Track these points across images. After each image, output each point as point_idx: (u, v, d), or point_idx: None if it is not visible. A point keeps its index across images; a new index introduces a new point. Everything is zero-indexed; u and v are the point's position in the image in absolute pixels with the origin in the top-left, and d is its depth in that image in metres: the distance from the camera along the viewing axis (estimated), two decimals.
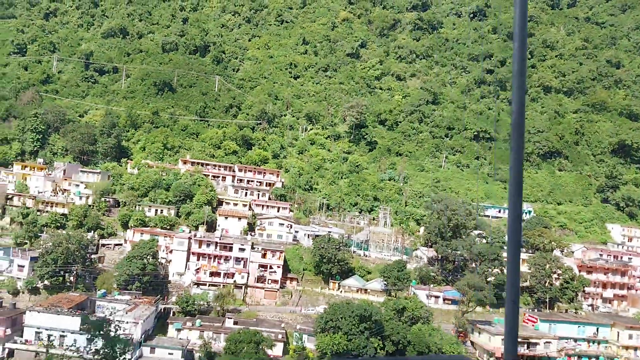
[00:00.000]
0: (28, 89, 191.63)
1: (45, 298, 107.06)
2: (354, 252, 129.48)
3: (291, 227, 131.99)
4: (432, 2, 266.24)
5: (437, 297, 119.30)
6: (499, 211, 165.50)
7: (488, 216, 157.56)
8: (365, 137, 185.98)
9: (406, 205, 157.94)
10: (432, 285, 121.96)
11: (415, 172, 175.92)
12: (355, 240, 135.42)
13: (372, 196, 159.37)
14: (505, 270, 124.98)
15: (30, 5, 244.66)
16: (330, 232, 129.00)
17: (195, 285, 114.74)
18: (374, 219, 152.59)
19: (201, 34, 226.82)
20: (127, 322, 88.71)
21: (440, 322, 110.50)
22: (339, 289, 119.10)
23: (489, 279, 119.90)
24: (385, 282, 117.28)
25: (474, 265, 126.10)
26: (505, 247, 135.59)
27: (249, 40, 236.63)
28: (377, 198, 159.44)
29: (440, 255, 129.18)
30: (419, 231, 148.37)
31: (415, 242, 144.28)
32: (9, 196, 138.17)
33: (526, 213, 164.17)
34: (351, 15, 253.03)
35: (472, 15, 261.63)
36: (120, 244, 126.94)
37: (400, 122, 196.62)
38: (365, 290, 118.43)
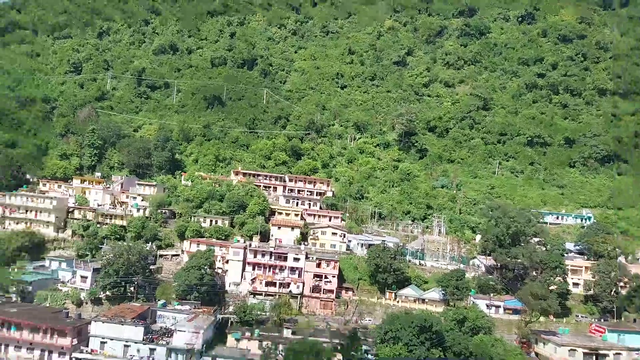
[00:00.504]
0: (85, 106, 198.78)
1: (107, 308, 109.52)
2: (409, 261, 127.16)
3: (344, 237, 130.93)
4: (479, 8, 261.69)
5: (497, 306, 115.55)
6: (557, 217, 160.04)
7: (546, 223, 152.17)
8: (415, 144, 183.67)
9: (460, 213, 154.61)
10: (492, 295, 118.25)
11: (468, 179, 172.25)
12: (409, 249, 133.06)
13: (425, 204, 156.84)
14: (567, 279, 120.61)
15: (84, 25, 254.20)
16: (384, 241, 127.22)
17: (252, 295, 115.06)
18: (427, 228, 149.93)
19: (248, 47, 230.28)
20: (188, 332, 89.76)
21: (502, 333, 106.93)
22: (395, 299, 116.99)
23: (551, 288, 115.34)
24: (444, 292, 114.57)
25: (534, 273, 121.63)
26: (566, 255, 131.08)
27: (295, 52, 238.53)
28: (430, 206, 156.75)
29: (499, 264, 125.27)
30: (474, 239, 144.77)
31: (471, 251, 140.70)
32: (70, 209, 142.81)
33: (586, 219, 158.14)
34: (397, 23, 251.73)
35: (520, 19, 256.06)
36: (178, 255, 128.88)
37: (450, 128, 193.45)
38: (423, 300, 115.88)
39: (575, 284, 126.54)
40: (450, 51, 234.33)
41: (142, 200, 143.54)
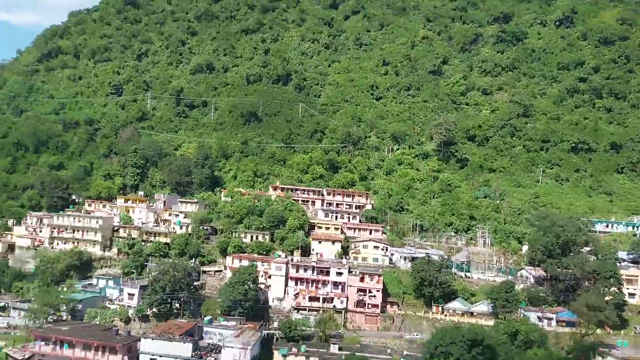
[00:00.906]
0: (126, 127, 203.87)
1: (154, 325, 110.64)
2: (454, 273, 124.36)
3: (387, 250, 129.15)
4: (514, 13, 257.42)
5: (549, 319, 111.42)
6: (607, 226, 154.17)
7: (596, 231, 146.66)
8: (454, 154, 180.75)
9: (505, 223, 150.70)
10: (543, 307, 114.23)
11: (512, 188, 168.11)
12: (454, 262, 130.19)
13: (468, 215, 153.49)
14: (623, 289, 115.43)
15: (124, 48, 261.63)
16: (428, 253, 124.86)
17: (295, 310, 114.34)
18: (471, 239, 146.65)
19: (282, 63, 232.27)
20: (236, 348, 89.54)
21: (556, 346, 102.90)
22: (442, 312, 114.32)
23: (606, 299, 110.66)
24: (493, 305, 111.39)
25: (587, 284, 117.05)
26: (619, 264, 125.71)
27: (329, 66, 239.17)
28: (473, 217, 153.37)
29: (549, 275, 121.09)
30: (521, 250, 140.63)
31: (518, 262, 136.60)
32: (116, 228, 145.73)
33: (637, 226, 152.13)
34: (431, 32, 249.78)
35: (557, 23, 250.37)
36: (220, 271, 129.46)
37: (490, 137, 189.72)
38: (471, 313, 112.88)
39: (631, 295, 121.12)
40: (487, 58, 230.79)
41: (184, 217, 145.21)
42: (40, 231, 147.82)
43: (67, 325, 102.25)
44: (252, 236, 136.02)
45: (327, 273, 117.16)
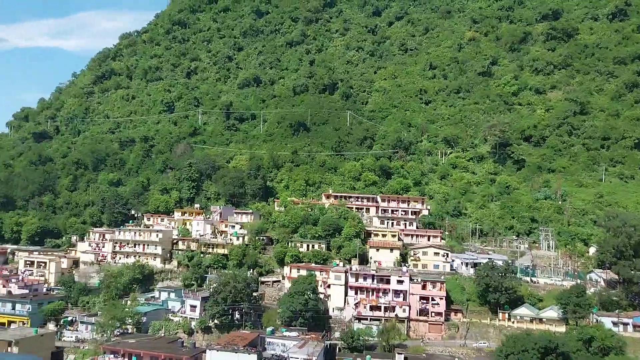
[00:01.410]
0: (179, 142, 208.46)
1: (217, 337, 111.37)
2: (520, 278, 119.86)
3: (447, 256, 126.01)
4: (564, 9, 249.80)
5: (625, 324, 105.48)
6: None
7: None
8: (511, 155, 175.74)
9: (569, 225, 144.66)
10: (617, 311, 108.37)
11: (573, 189, 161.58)
12: (518, 266, 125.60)
13: (529, 218, 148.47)
14: None
15: (173, 66, 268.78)
16: (491, 259, 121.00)
17: (357, 320, 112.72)
18: (534, 242, 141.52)
19: (328, 73, 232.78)
20: (301, 359, 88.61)
21: (635, 353, 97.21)
22: (509, 319, 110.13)
23: None
24: (563, 310, 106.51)
25: None
26: None
27: (375, 73, 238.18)
28: (534, 219, 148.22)
29: (621, 277, 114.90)
30: (588, 252, 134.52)
31: (586, 265, 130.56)
32: (174, 241, 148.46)
33: None
34: (477, 34, 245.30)
35: (610, 16, 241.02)
36: (279, 281, 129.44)
37: (547, 137, 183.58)
38: (540, 319, 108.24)
39: None
40: (538, 57, 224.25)
41: (240, 228, 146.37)
42: (103, 246, 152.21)
43: (133, 338, 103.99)
44: (308, 245, 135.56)
45: (388, 281, 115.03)
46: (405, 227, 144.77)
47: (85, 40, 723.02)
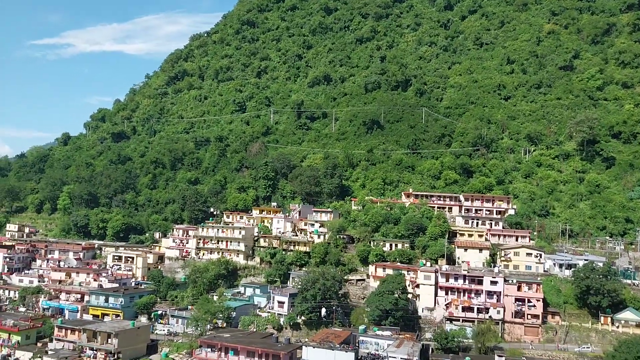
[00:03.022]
0: (253, 142, 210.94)
1: (305, 333, 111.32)
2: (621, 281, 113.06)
3: (541, 257, 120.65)
4: None
5: None
6: None
7: None
8: (599, 153, 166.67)
9: None
10: None
11: None
12: (618, 268, 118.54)
13: (623, 218, 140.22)
14: None
15: (244, 66, 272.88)
16: (587, 260, 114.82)
17: (448, 321, 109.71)
18: (631, 244, 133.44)
19: (401, 69, 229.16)
20: (400, 358, 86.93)
21: None
22: (613, 323, 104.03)
23: None
24: None
25: None
26: None
27: (449, 68, 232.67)
28: (629, 219, 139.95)
29: None
30: None
31: None
32: (256, 238, 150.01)
33: None
34: (557, 26, 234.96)
35: None
36: (363, 279, 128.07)
37: (638, 133, 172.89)
38: None
39: None
40: (624, 49, 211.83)
41: (320, 226, 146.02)
42: (187, 242, 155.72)
43: (227, 332, 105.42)
44: (391, 245, 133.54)
45: (480, 282, 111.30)
46: (491, 227, 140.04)
47: (147, 44, 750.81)
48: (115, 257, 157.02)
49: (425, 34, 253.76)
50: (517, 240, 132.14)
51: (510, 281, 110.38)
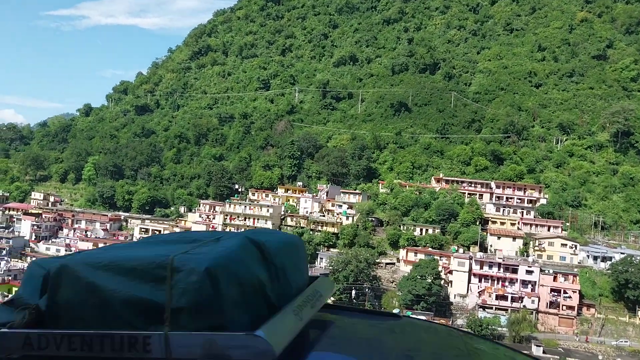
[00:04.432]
0: (278, 120, 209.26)
1: None
2: None
3: (576, 248, 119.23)
4: None
5: None
6: None
7: None
8: (634, 145, 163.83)
9: None
10: None
11: None
12: None
13: None
14: None
15: (268, 44, 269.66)
16: (624, 253, 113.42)
17: (481, 308, 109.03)
18: None
19: (429, 52, 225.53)
20: None
21: None
22: None
23: None
24: None
25: None
26: None
27: (478, 53, 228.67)
28: None
29: None
30: None
31: None
32: (283, 217, 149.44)
33: None
34: (590, 14, 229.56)
35: None
36: (393, 263, 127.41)
37: None
38: None
39: None
40: None
41: (348, 208, 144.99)
42: (214, 218, 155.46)
43: None
44: (421, 229, 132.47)
45: (514, 271, 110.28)
46: (522, 216, 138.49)
47: (161, 19, 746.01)
48: (142, 230, 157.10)
49: (454, 17, 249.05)
50: (548, 230, 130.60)
51: (547, 271, 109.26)
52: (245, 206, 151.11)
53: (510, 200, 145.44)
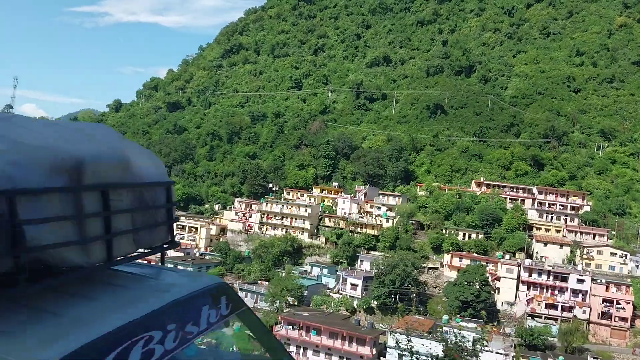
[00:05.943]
0: (312, 120, 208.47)
1: (380, 318, 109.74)
2: None
3: (626, 257, 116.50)
4: None
5: None
6: None
7: None
8: None
9: None
10: None
11: None
12: None
13: None
14: None
15: (300, 43, 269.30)
16: None
17: (530, 317, 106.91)
18: None
19: (465, 54, 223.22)
20: (495, 352, 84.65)
21: None
22: None
23: None
24: None
25: None
26: None
27: (514, 57, 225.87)
28: None
29: None
30: None
31: None
32: (320, 217, 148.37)
33: None
34: (629, 19, 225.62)
35: None
36: (436, 268, 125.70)
37: None
38: None
39: None
40: None
41: (387, 210, 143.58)
42: (250, 216, 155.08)
43: (304, 311, 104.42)
44: (464, 234, 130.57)
45: (564, 279, 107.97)
46: (566, 223, 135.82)
47: (183, 17, 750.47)
48: (178, 227, 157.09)
49: (489, 20, 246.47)
50: (594, 238, 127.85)
51: (598, 281, 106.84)
52: (282, 205, 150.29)
53: (552, 206, 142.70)
